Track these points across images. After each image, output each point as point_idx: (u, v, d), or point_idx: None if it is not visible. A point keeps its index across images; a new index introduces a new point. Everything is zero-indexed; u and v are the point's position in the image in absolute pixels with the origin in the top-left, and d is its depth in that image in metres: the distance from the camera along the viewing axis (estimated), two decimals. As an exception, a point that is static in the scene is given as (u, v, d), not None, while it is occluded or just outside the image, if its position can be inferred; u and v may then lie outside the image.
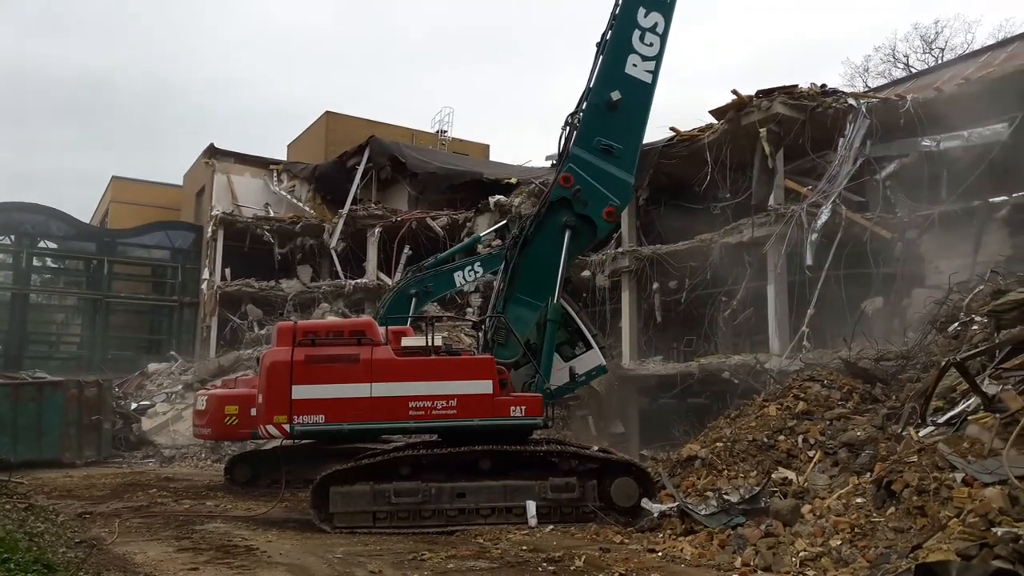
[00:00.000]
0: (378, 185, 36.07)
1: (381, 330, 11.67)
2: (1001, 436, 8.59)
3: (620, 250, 23.51)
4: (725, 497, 10.18)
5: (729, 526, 9.57)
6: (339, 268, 33.96)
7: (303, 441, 13.49)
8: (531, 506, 10.74)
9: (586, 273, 23.77)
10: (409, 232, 32.45)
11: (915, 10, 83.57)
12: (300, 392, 10.96)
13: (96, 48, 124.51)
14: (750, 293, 20.69)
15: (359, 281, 32.92)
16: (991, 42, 29.24)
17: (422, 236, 32.18)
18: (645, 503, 10.80)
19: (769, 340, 19.43)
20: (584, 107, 12.37)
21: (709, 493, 10.83)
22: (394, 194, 35.99)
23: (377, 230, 33.35)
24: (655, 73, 12.34)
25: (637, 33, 12.24)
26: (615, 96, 12.14)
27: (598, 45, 12.41)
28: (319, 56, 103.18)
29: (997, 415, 8.94)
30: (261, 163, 39.37)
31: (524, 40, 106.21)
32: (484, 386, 11.13)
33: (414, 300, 18.43)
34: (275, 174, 39.04)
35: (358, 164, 35.13)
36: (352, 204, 34.38)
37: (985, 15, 79.41)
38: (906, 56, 40.94)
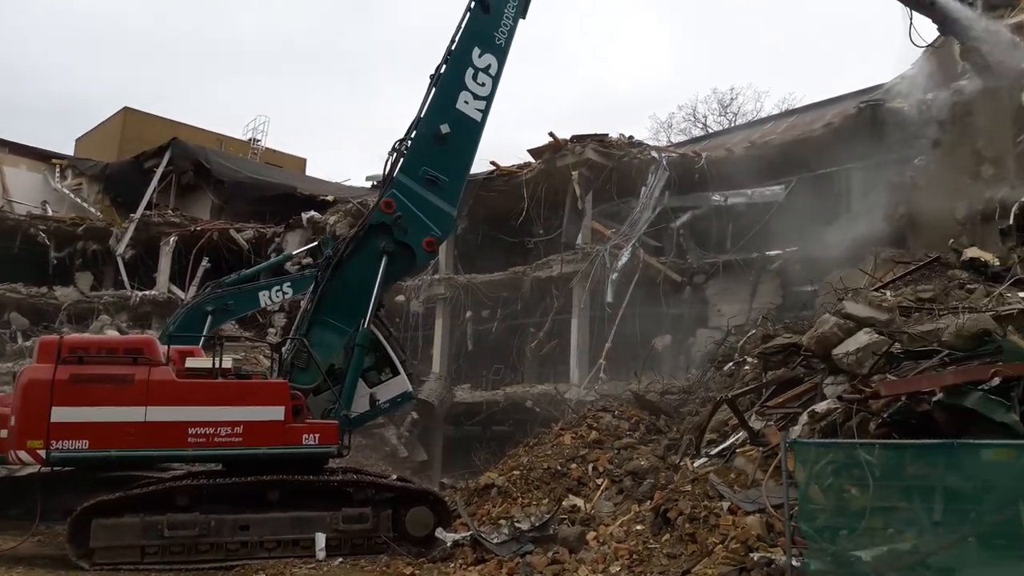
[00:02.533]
0: (178, 191, 33.55)
1: (163, 349, 10.90)
2: (763, 468, 9.46)
3: (436, 277, 23.69)
4: (516, 525, 10.42)
5: (519, 554, 9.80)
6: (125, 278, 30.71)
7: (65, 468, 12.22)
8: (320, 538, 10.41)
9: (400, 298, 23.69)
10: (209, 243, 30.09)
11: (715, 76, 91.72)
12: (61, 415, 9.96)
13: None
14: (556, 325, 21.57)
15: (148, 293, 30.02)
16: (776, 112, 32.66)
17: (224, 249, 30.09)
18: (439, 533, 10.82)
19: (570, 371, 20.31)
20: (413, 136, 12.38)
21: (502, 521, 11.04)
22: (195, 202, 33.64)
23: (173, 239, 30.52)
24: (485, 112, 12.58)
25: (471, 72, 12.46)
26: (444, 129, 12.24)
27: (431, 77, 12.49)
28: (129, 51, 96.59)
29: (760, 448, 9.85)
30: (41, 156, 35.41)
31: (350, 57, 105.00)
32: (275, 412, 10.67)
33: (210, 318, 17.37)
34: (58, 169, 35.33)
35: (156, 166, 32.25)
36: (146, 209, 31.33)
37: (773, 87, 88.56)
38: (705, 117, 44.62)
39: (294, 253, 23.03)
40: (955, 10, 15.04)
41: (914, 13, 15.07)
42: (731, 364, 13.51)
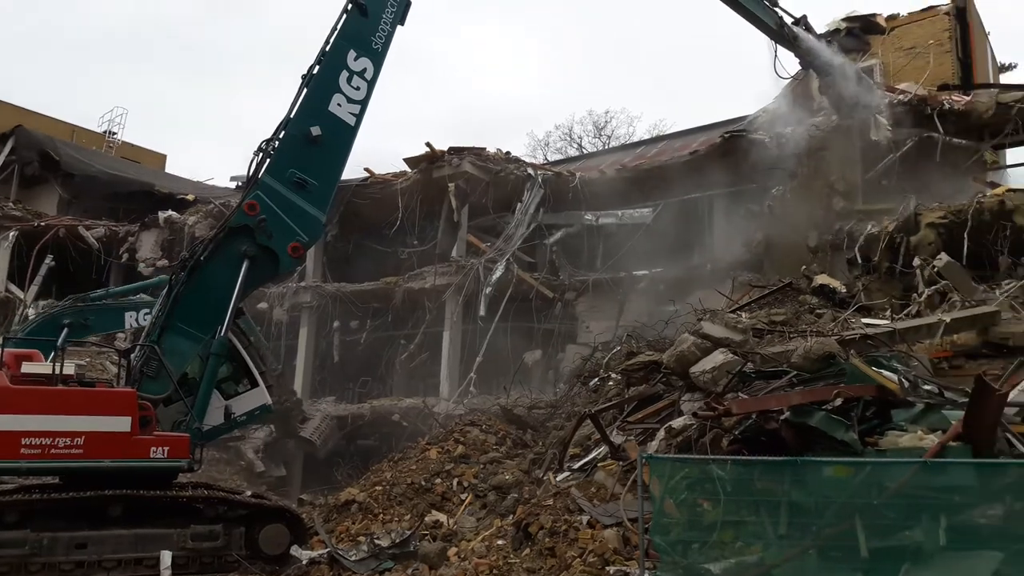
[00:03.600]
0: (21, 182, 30.88)
1: None
2: (622, 482, 9.64)
3: (303, 285, 22.97)
4: (376, 542, 10.16)
5: (377, 571, 9.56)
6: (-47, 274, 28.16)
7: None
8: (166, 556, 9.76)
9: (263, 306, 22.79)
10: (55, 240, 28.00)
11: (592, 98, 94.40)
12: None
13: None
14: (427, 338, 21.39)
15: (-18, 291, 27.57)
16: (647, 136, 33.92)
17: (71, 247, 28.02)
18: (294, 550, 10.39)
19: (440, 384, 20.17)
20: (282, 136, 11.91)
21: (362, 538, 10.74)
22: (41, 195, 30.98)
23: (12, 234, 27.93)
24: (359, 117, 12.27)
25: (345, 75, 12.12)
26: (315, 131, 11.82)
27: (303, 77, 12.08)
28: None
29: (620, 463, 10.05)
30: None
31: (217, 52, 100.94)
32: (120, 423, 9.95)
33: (66, 330, 16.11)
34: None
35: (-3, 155, 29.94)
36: (-17, 200, 28.99)
37: (645, 112, 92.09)
38: (580, 137, 45.75)
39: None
40: (815, 47, 16.21)
41: (778, 47, 16.10)
42: (596, 380, 13.79)
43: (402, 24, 12.68)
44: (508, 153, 22.05)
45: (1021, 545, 6.66)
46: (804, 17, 16.30)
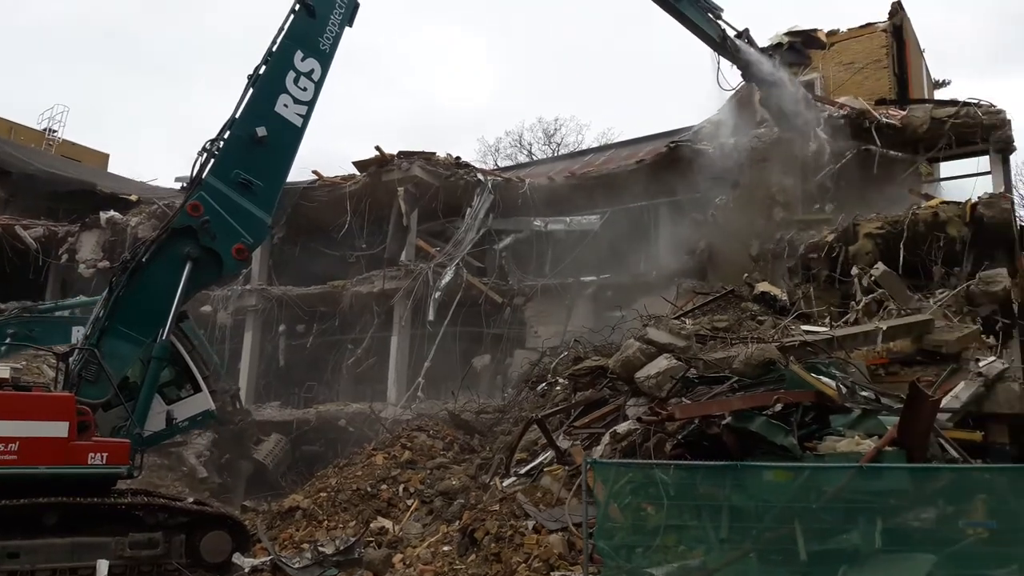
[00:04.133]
0: (-46, 180, 29.95)
1: None
2: (567, 487, 9.73)
3: (248, 287, 22.59)
4: (320, 549, 10.07)
5: (321, 578, 9.45)
6: None
7: None
8: (102, 566, 9.49)
9: (207, 308, 22.35)
10: (-10, 240, 27.11)
11: (543, 105, 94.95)
12: None
13: None
14: (375, 342, 21.21)
15: (-90, 292, 26.45)
16: (596, 145, 34.23)
17: (8, 247, 27.11)
18: (236, 558, 10.21)
19: (388, 389, 20.03)
20: (227, 137, 11.73)
21: (306, 545, 10.64)
22: (-25, 194, 30.11)
23: None
24: (306, 118, 12.16)
25: (292, 75, 12.00)
26: (261, 132, 11.68)
27: (249, 77, 11.91)
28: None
29: (566, 468, 10.13)
30: None
31: (167, 53, 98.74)
32: (58, 428, 9.66)
33: (9, 340, 15.61)
34: None
35: (-75, 152, 28.78)
36: (-86, 198, 27.88)
37: (594, 121, 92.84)
38: (530, 144, 45.93)
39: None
40: (756, 60, 16.66)
41: (721, 59, 16.52)
42: (544, 385, 13.87)
43: (350, 25, 12.62)
44: (458, 158, 22.04)
45: (953, 548, 6.92)
46: (747, 31, 16.78)
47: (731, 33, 16.53)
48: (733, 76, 17.14)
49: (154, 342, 11.02)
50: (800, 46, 18.84)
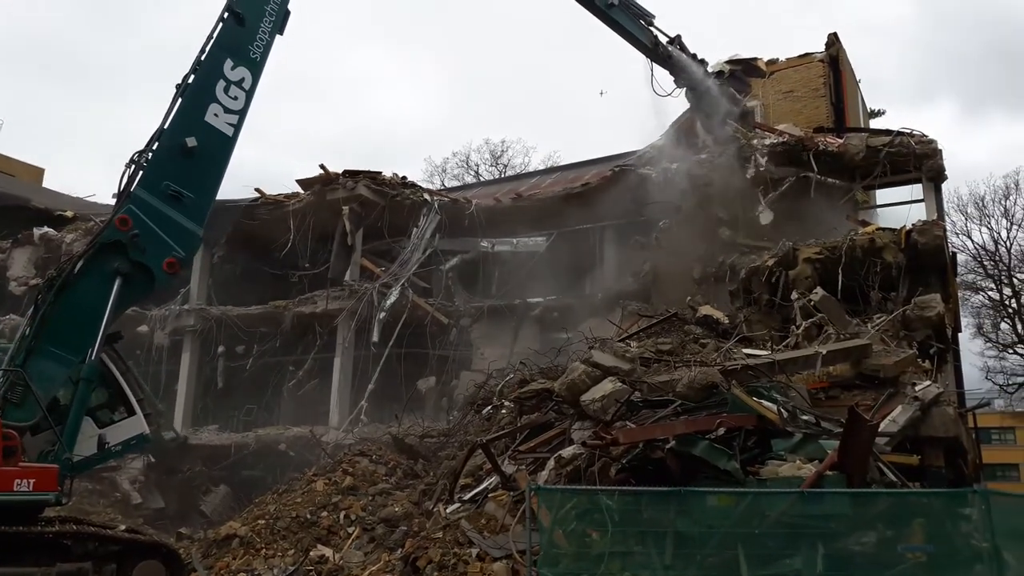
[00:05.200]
0: None
1: None
2: (512, 513, 9.59)
3: (186, 307, 21.99)
4: (257, 579, 9.73)
5: (257, 611, 9.12)
6: None
7: None
8: (26, 599, 9.04)
9: (143, 328, 21.68)
10: (-84, 256, 26.05)
11: (490, 127, 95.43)
12: None
13: None
14: (317, 364, 20.81)
15: None
16: (542, 167, 34.46)
17: (-68, 265, 26.13)
18: (170, 589, 9.81)
19: (330, 412, 19.62)
20: (156, 148, 11.41)
21: (243, 574, 10.28)
22: (-100, 209, 28.85)
23: None
24: (237, 127, 11.92)
25: (222, 84, 11.75)
26: (191, 143, 11.40)
27: (178, 87, 11.64)
28: None
29: (511, 493, 10.01)
30: None
31: (103, 66, 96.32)
32: (-20, 454, 9.21)
33: None
34: None
35: None
36: None
37: (540, 143, 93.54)
38: (477, 165, 46.09)
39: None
40: (687, 65, 17.55)
41: (655, 66, 17.33)
42: (489, 408, 13.73)
43: (280, 33, 12.46)
44: (404, 178, 21.91)
45: (892, 571, 7.00)
46: (678, 37, 17.62)
47: (663, 40, 17.38)
48: (668, 84, 17.90)
49: (83, 362, 10.59)
50: (741, 74, 19.32)
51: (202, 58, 11.70)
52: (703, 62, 18.04)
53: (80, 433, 10.65)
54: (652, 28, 17.11)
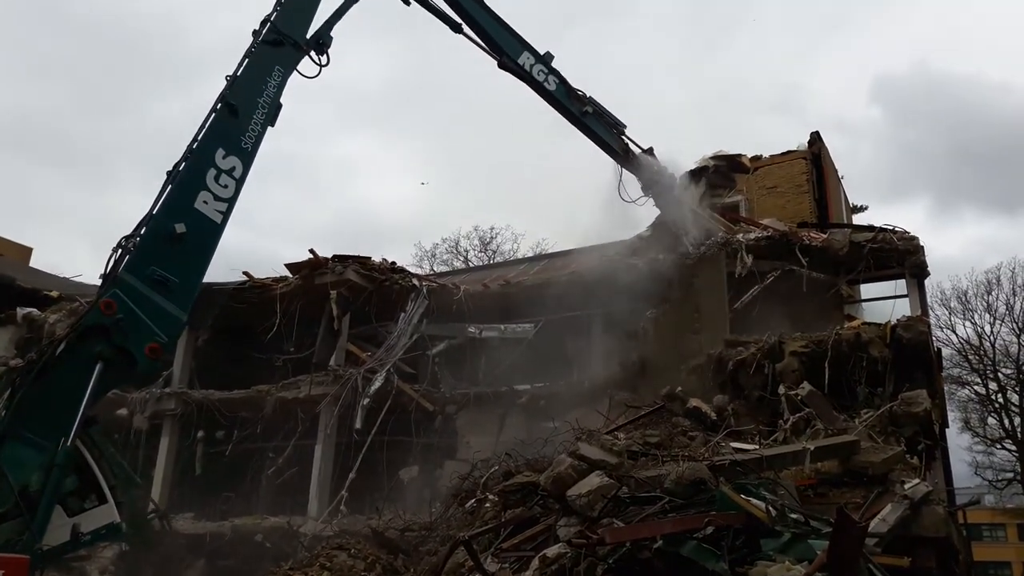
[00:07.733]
0: None
1: None
2: (495, 614, 9.25)
3: (167, 390, 21.66)
4: None
5: None
6: None
7: None
8: None
9: (123, 412, 21.28)
10: None
11: (479, 214, 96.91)
12: None
13: None
14: (298, 451, 20.40)
15: None
16: (531, 254, 34.81)
17: (-87, 343, 25.85)
18: None
19: (309, 502, 19.13)
20: (144, 233, 11.48)
21: (210, 678, 9.77)
22: None
23: None
24: (226, 215, 12.03)
25: (213, 172, 11.92)
26: (180, 229, 11.47)
27: (169, 173, 11.81)
28: None
29: (494, 593, 9.67)
30: None
31: (87, 148, 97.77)
32: (-56, 543, 8.87)
33: None
34: None
35: None
36: None
37: (528, 231, 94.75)
38: (466, 251, 46.58)
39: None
40: (657, 172, 18.19)
41: (624, 171, 17.99)
42: (473, 501, 13.40)
43: (272, 125, 12.73)
44: (393, 263, 22.02)
45: None
46: (651, 149, 18.19)
47: (636, 150, 17.99)
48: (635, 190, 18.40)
49: (58, 448, 10.33)
50: (725, 169, 19.78)
51: (194, 146, 11.93)
52: (671, 176, 18.64)
53: (49, 521, 10.35)
54: (623, 137, 17.94)
